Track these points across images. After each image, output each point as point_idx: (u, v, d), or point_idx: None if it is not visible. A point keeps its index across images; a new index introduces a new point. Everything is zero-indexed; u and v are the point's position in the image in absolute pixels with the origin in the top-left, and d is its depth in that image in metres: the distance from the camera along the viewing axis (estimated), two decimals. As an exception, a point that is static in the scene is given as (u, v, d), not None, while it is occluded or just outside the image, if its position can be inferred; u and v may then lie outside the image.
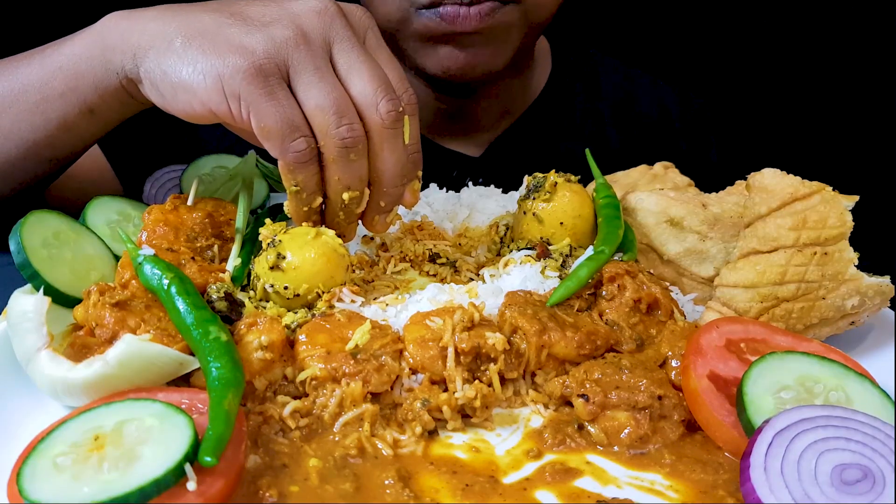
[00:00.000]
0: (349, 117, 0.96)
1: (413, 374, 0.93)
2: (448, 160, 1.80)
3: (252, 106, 0.95)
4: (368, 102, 0.97)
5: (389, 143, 0.99)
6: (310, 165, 0.98)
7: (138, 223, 1.20)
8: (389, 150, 1.00)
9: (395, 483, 0.80)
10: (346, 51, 0.99)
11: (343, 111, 0.96)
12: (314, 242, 1.02)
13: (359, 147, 0.97)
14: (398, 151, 1.00)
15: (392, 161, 1.01)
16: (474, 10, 1.46)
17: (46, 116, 1.19)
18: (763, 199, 1.09)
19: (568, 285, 1.03)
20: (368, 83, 0.98)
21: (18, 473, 0.70)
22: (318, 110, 0.95)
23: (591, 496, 0.81)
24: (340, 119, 0.95)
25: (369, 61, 1.00)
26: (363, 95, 0.98)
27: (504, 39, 1.55)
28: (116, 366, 0.84)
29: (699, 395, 0.87)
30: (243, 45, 0.96)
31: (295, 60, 0.96)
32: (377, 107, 0.97)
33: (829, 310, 1.04)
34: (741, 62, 2.98)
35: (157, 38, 1.03)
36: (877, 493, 0.73)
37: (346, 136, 0.96)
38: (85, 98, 1.16)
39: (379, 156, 1.00)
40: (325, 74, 0.97)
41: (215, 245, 1.13)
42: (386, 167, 1.01)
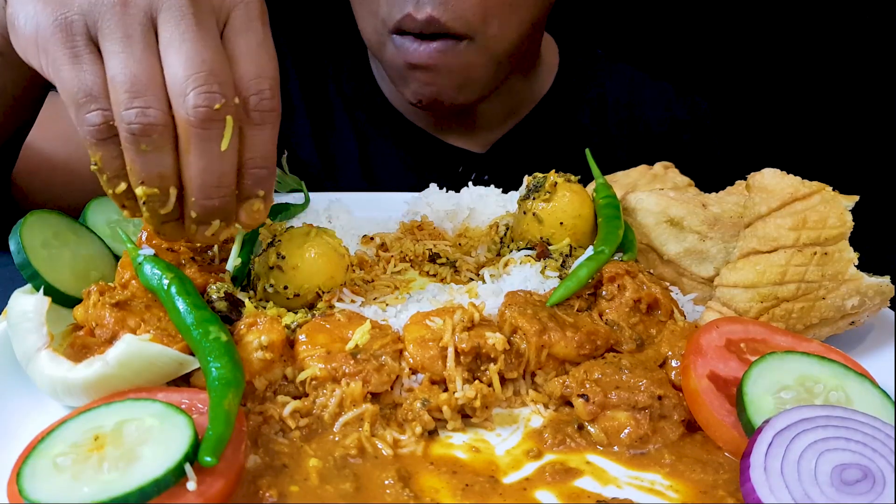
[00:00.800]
0: (144, 99, 0.80)
1: (413, 374, 0.93)
2: (453, 157, 1.81)
3: (55, 64, 0.83)
4: (178, 90, 0.81)
5: (198, 144, 0.82)
6: (109, 143, 0.84)
7: (138, 223, 1.20)
8: (197, 154, 0.83)
9: (395, 483, 0.80)
10: (172, 22, 0.83)
11: (138, 90, 0.80)
12: (314, 242, 1.02)
13: (153, 137, 0.81)
14: (209, 156, 0.83)
15: (200, 167, 0.84)
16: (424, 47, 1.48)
17: None
18: (763, 199, 1.09)
19: (568, 285, 1.03)
20: (183, 65, 0.81)
21: (18, 473, 0.70)
22: (111, 84, 0.81)
23: (591, 496, 0.81)
24: (132, 99, 0.80)
25: (198, 40, 0.82)
26: (174, 79, 0.82)
27: (466, 76, 1.56)
28: (116, 366, 0.84)
29: (699, 395, 0.87)
30: None
31: (105, 21, 0.83)
32: (185, 97, 0.81)
33: (829, 310, 1.04)
34: (742, 63, 2.98)
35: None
36: (877, 493, 0.73)
37: (134, 122, 0.80)
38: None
39: (184, 157, 0.84)
40: (132, 43, 0.82)
41: (215, 245, 1.13)
42: (192, 172, 0.84)
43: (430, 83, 1.55)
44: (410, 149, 1.81)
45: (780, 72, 3.00)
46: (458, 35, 1.48)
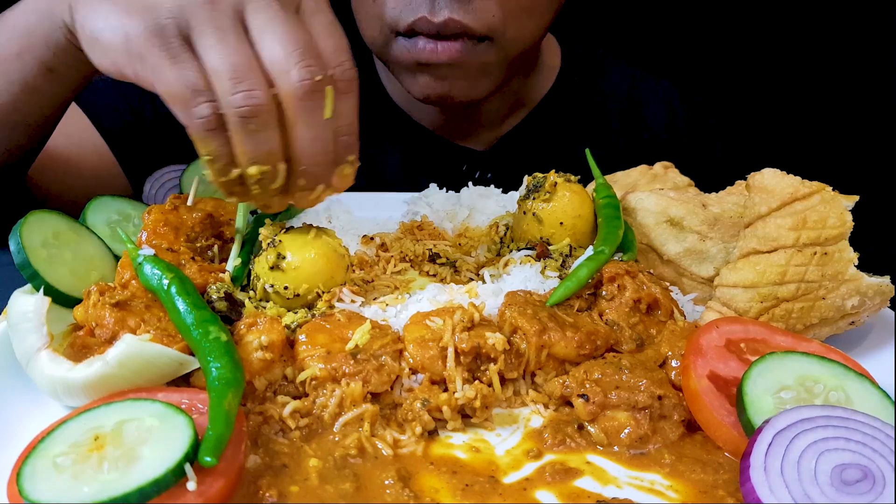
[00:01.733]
0: (248, 82, 0.86)
1: (413, 374, 0.93)
2: (456, 155, 1.81)
3: (154, 69, 0.88)
4: (280, 68, 0.87)
5: (304, 115, 0.88)
6: (219, 133, 0.88)
7: (138, 223, 1.20)
8: (305, 125, 0.89)
9: (395, 483, 0.80)
10: (261, 10, 0.89)
11: (241, 75, 0.86)
12: (314, 242, 1.02)
13: (261, 117, 0.86)
14: (316, 126, 0.89)
15: (308, 137, 0.89)
16: (443, 47, 1.46)
17: (8, 79, 1.18)
18: (763, 199, 1.09)
19: (568, 285, 1.03)
20: (281, 46, 0.87)
21: (18, 473, 0.70)
22: (213, 74, 0.87)
23: (591, 496, 0.81)
24: (236, 84, 0.85)
25: (288, 23, 0.89)
26: (273, 60, 0.87)
27: (482, 74, 1.56)
28: (116, 366, 0.84)
29: (699, 395, 0.87)
30: (151, 3, 0.90)
31: (196, 20, 0.88)
32: (289, 73, 0.87)
33: (829, 310, 1.04)
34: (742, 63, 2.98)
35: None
36: (877, 493, 0.73)
37: (243, 105, 0.85)
38: (41, 56, 1.14)
39: (292, 130, 0.89)
40: (226, 35, 0.87)
41: (215, 245, 1.13)
42: (301, 144, 0.90)
43: (441, 79, 1.53)
44: (413, 147, 1.81)
45: (780, 72, 3.00)
46: (478, 36, 1.48)
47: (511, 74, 1.66)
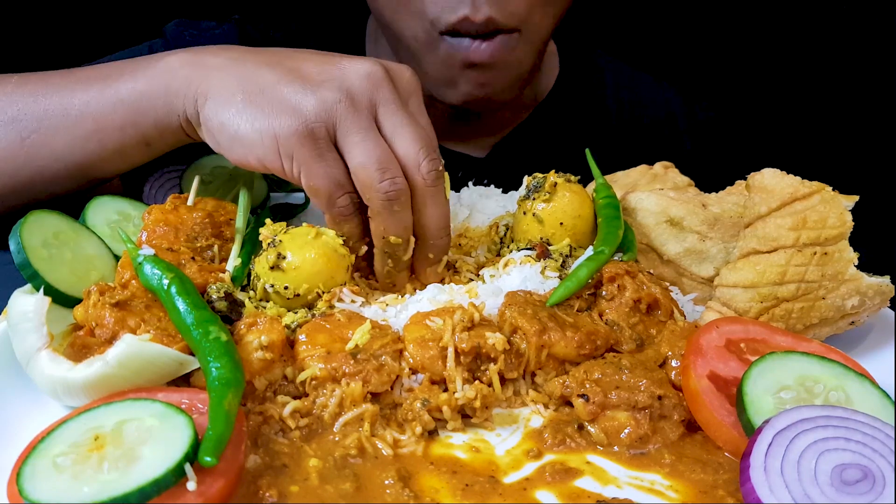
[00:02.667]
0: (392, 172, 1.02)
1: (413, 374, 0.93)
2: (453, 161, 1.80)
3: (303, 167, 1.02)
4: (412, 162, 1.04)
5: (432, 198, 1.06)
6: (353, 218, 1.06)
7: (138, 223, 1.20)
8: (432, 205, 1.06)
9: (395, 483, 0.80)
10: (391, 114, 1.06)
11: (386, 167, 1.02)
12: (314, 242, 1.02)
13: (402, 199, 1.03)
14: (440, 206, 1.07)
15: (436, 215, 1.07)
16: (486, 45, 1.48)
17: (102, 145, 1.22)
18: (763, 199, 1.09)
19: (567, 285, 1.03)
20: (412, 144, 1.04)
21: (18, 473, 0.70)
22: (361, 168, 1.02)
23: (591, 496, 0.81)
24: (383, 174, 1.01)
25: (412, 123, 1.06)
26: (407, 155, 1.04)
27: (517, 68, 1.57)
28: (116, 366, 0.84)
29: (699, 395, 0.87)
30: (297, 107, 1.03)
31: (342, 122, 1.03)
32: (420, 166, 1.04)
33: (829, 310, 1.04)
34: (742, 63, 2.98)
35: (219, 90, 1.08)
36: (877, 493, 0.73)
37: (390, 190, 1.01)
38: (144, 133, 1.19)
39: (423, 211, 1.06)
40: (369, 134, 1.03)
41: (215, 245, 1.13)
42: (430, 221, 1.07)
43: (486, 82, 1.55)
44: None
45: (780, 72, 3.00)
46: (509, 29, 1.49)
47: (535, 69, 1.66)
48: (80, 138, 1.21)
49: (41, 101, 1.23)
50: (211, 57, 1.15)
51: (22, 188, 1.26)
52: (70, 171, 1.25)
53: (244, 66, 1.10)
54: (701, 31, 2.93)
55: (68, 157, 1.23)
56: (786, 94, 2.99)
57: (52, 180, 1.26)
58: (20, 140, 1.23)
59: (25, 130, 1.23)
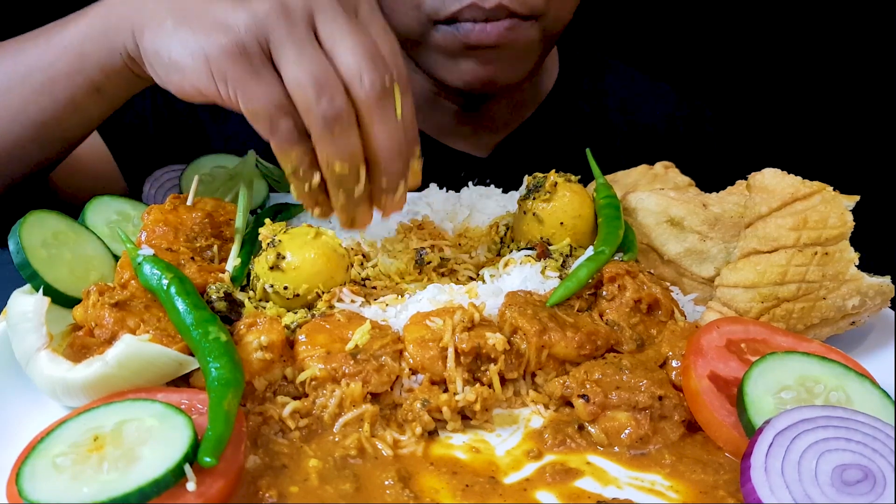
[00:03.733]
0: (329, 91, 0.92)
1: (413, 375, 0.93)
2: (455, 161, 1.80)
3: (238, 88, 0.94)
4: (353, 74, 0.94)
5: (379, 115, 0.95)
6: (299, 143, 0.96)
7: (138, 223, 1.20)
8: (380, 124, 0.95)
9: (395, 483, 0.80)
10: (330, 21, 0.96)
11: (322, 85, 0.92)
12: (314, 242, 1.02)
13: (343, 121, 0.93)
14: (390, 124, 0.96)
15: (385, 135, 0.96)
16: (492, 27, 1.46)
17: (54, 97, 1.20)
18: (763, 199, 1.09)
19: (568, 285, 1.03)
20: (352, 54, 0.94)
21: (18, 473, 0.70)
22: (297, 86, 0.93)
23: (591, 497, 0.81)
24: (320, 93, 0.92)
25: (355, 32, 0.96)
26: (347, 67, 0.94)
27: (525, 53, 1.56)
28: (116, 366, 0.84)
29: (700, 395, 0.87)
30: (227, 24, 0.94)
31: (275, 35, 0.94)
32: (361, 79, 0.93)
33: (830, 310, 1.04)
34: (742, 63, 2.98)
35: (152, 18, 1.02)
36: (877, 493, 0.73)
37: (327, 111, 0.92)
38: (91, 77, 1.16)
39: (370, 130, 0.96)
40: (304, 47, 0.94)
41: (215, 245, 1.13)
42: (379, 142, 0.96)
43: (487, 63, 1.52)
44: None
45: (780, 72, 3.00)
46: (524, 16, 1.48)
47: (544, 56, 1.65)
48: (32, 92, 1.20)
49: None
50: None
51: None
52: (30, 132, 1.23)
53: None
54: (701, 31, 2.93)
55: (24, 116, 1.22)
56: (786, 94, 2.99)
57: (17, 145, 1.25)
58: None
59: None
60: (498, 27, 1.46)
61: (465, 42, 1.47)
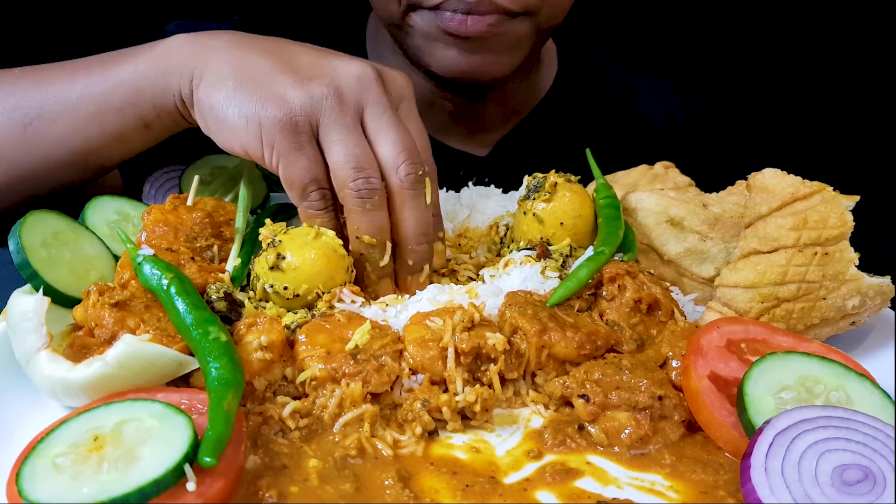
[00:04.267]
0: (367, 172, 1.02)
1: (413, 375, 0.93)
2: (454, 160, 1.80)
3: (282, 157, 1.03)
4: (391, 165, 1.04)
5: (410, 202, 1.05)
6: (324, 214, 1.06)
7: (137, 223, 1.20)
8: (410, 209, 1.05)
9: (395, 483, 0.80)
10: (378, 116, 1.07)
11: (362, 166, 1.02)
12: (314, 243, 1.02)
13: (375, 199, 1.03)
14: (419, 210, 1.06)
15: (413, 219, 1.06)
16: (472, 20, 1.44)
17: (102, 129, 1.23)
18: (763, 199, 1.09)
19: (567, 286, 1.03)
20: (393, 147, 1.05)
21: (18, 473, 0.70)
22: (338, 165, 1.03)
23: (591, 497, 0.81)
24: (358, 173, 1.02)
25: (397, 127, 1.06)
26: (387, 158, 1.04)
27: (514, 47, 1.54)
28: (116, 366, 0.84)
29: (700, 395, 0.87)
30: (284, 98, 1.04)
31: (326, 119, 1.04)
32: (397, 169, 1.04)
33: (830, 310, 1.04)
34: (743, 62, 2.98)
35: (213, 72, 1.10)
36: (877, 493, 0.73)
37: (362, 188, 1.02)
38: (143, 114, 1.20)
39: (400, 215, 1.06)
40: (350, 133, 1.04)
41: (215, 245, 1.13)
42: (408, 225, 1.06)
43: (470, 53, 1.50)
44: None
45: (780, 72, 3.00)
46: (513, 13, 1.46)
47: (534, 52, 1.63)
48: (81, 122, 1.22)
49: (43, 88, 1.24)
50: (210, 39, 1.16)
51: (25, 177, 1.27)
52: (72, 158, 1.26)
53: (241, 50, 1.12)
54: (701, 30, 2.93)
55: (69, 143, 1.24)
56: (786, 93, 2.99)
57: (55, 168, 1.27)
58: (22, 127, 1.24)
59: (27, 117, 1.24)
60: (480, 21, 1.44)
61: (444, 28, 1.46)
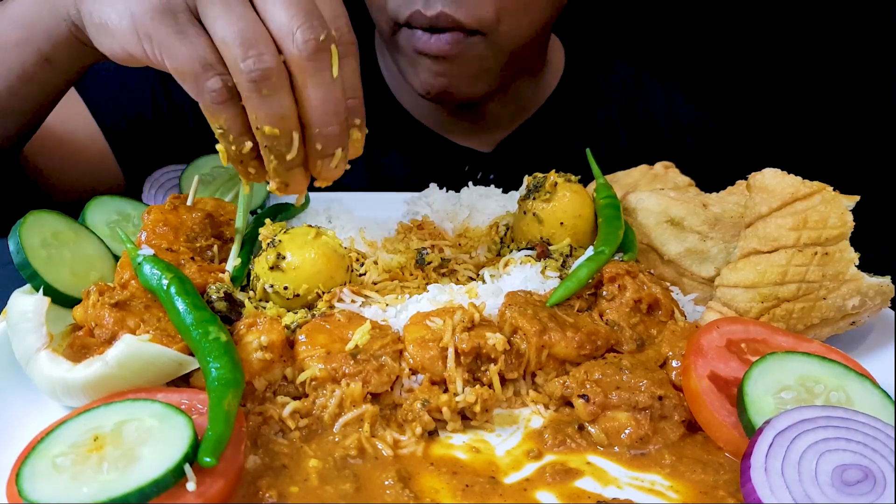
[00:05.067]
0: (257, 48, 0.87)
1: (413, 375, 0.93)
2: (459, 156, 1.81)
3: (163, 46, 0.90)
4: (285, 32, 0.88)
5: (313, 76, 0.89)
6: (230, 105, 0.90)
7: (138, 223, 1.20)
8: (314, 84, 0.90)
9: (395, 483, 0.80)
10: None
11: (250, 41, 0.87)
12: (314, 243, 1.02)
13: (272, 80, 0.87)
14: (325, 85, 0.90)
15: (318, 96, 0.90)
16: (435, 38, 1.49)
17: (5, 67, 1.21)
18: (764, 199, 1.09)
19: (567, 286, 1.03)
20: (285, 11, 0.88)
21: (18, 473, 0.70)
22: (223, 44, 0.88)
23: (591, 496, 0.81)
24: (247, 51, 0.87)
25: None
26: (279, 25, 0.88)
27: (479, 70, 1.58)
28: (116, 366, 0.84)
29: (700, 395, 0.87)
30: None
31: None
32: (293, 37, 0.88)
33: (830, 310, 1.04)
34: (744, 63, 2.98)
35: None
36: (877, 493, 0.73)
37: (254, 69, 0.86)
38: (39, 47, 1.17)
39: (302, 91, 0.90)
40: (231, 4, 0.89)
41: (215, 245, 1.13)
42: (312, 104, 0.90)
43: (441, 73, 1.56)
44: (416, 148, 1.81)
45: (781, 72, 3.00)
46: (469, 30, 1.50)
47: (513, 74, 1.66)
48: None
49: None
50: None
51: None
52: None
53: None
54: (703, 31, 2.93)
55: None
56: (786, 94, 2.99)
57: None
58: None
59: None
60: (441, 39, 1.50)
61: (415, 47, 1.52)
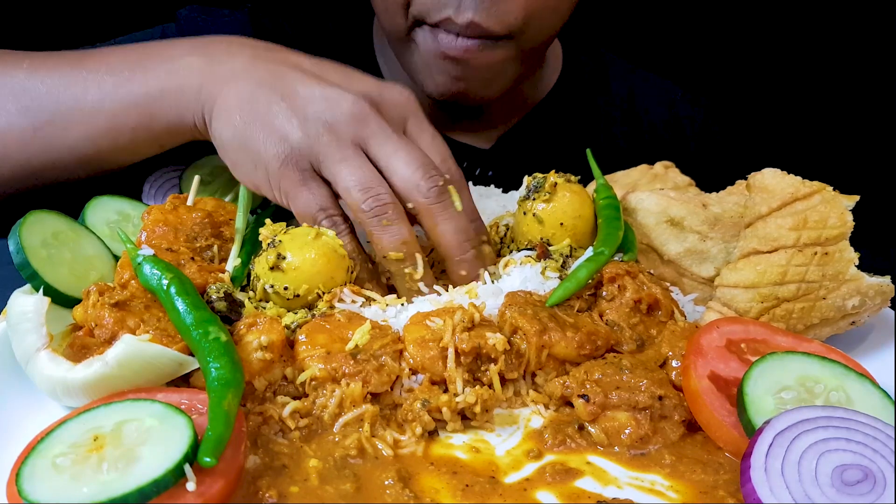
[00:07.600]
0: (374, 190, 1.04)
1: (413, 375, 0.93)
2: (458, 153, 1.81)
3: (289, 195, 1.08)
4: (411, 185, 1.05)
5: (441, 214, 1.06)
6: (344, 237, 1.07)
7: (137, 223, 1.20)
8: (443, 221, 1.06)
9: (395, 483, 0.80)
10: (381, 144, 1.08)
11: (367, 186, 1.04)
12: (314, 243, 1.02)
13: (389, 213, 1.04)
14: (452, 220, 1.06)
15: (450, 230, 1.06)
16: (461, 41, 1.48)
17: (115, 142, 1.24)
18: (763, 199, 1.09)
19: (567, 286, 1.03)
20: (406, 167, 1.05)
21: (18, 473, 0.70)
22: (345, 192, 1.05)
23: (591, 496, 0.81)
24: (365, 193, 1.04)
25: (405, 148, 1.07)
26: (405, 180, 1.05)
27: (499, 72, 1.57)
28: (116, 366, 0.84)
29: (700, 395, 0.87)
30: (284, 138, 1.07)
31: (324, 154, 1.06)
32: (418, 187, 1.05)
33: (830, 310, 1.04)
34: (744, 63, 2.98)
35: (223, 108, 1.13)
36: (877, 493, 0.73)
37: (373, 206, 1.03)
38: (157, 135, 1.23)
39: (437, 231, 1.06)
40: (351, 161, 1.06)
41: (215, 245, 1.13)
42: (447, 238, 1.06)
43: (460, 77, 1.54)
44: None
45: (780, 72, 3.00)
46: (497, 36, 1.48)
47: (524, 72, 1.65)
48: (93, 133, 1.24)
49: (54, 94, 1.25)
50: (220, 65, 1.17)
51: (33, 175, 1.29)
52: (81, 163, 1.27)
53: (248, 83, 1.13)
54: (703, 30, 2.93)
55: (80, 150, 1.26)
56: (786, 93, 2.99)
57: (63, 170, 1.29)
58: (33, 130, 1.25)
59: (38, 121, 1.25)
60: (465, 44, 1.48)
61: (440, 49, 1.50)
